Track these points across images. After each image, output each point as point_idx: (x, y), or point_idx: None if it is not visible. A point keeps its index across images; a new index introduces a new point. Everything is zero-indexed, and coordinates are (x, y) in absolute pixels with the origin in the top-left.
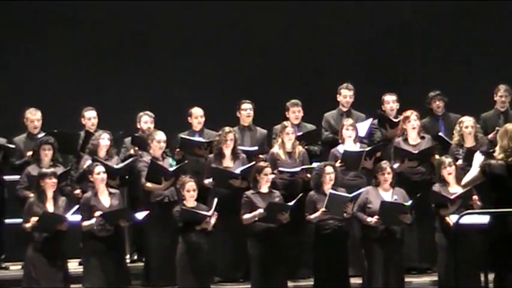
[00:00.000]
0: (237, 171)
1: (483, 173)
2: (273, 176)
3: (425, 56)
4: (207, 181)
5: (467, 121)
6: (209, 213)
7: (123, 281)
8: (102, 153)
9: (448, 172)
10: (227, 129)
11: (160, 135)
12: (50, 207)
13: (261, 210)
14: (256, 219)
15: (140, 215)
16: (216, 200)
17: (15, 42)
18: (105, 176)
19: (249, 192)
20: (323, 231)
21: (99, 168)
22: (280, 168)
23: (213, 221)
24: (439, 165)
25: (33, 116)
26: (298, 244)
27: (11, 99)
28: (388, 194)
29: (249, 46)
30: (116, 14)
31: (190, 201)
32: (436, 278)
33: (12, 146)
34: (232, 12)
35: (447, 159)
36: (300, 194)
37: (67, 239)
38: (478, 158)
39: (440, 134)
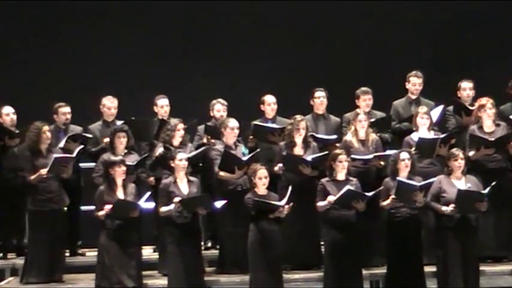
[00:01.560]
0: (308, 159)
1: None
2: (347, 163)
3: (501, 41)
4: (277, 167)
5: None
6: (282, 203)
7: (199, 268)
8: (176, 142)
9: None
10: (299, 117)
11: (233, 122)
12: (120, 194)
13: (331, 198)
14: (328, 207)
15: (219, 204)
16: (290, 189)
17: (91, 31)
18: (186, 163)
19: (324, 180)
20: (395, 219)
21: (182, 155)
22: (352, 156)
23: (286, 210)
24: None
25: (111, 104)
26: (372, 231)
27: (81, 87)
28: (461, 182)
29: (320, 35)
30: (188, 3)
31: (261, 188)
32: None
33: (90, 135)
34: (302, 2)
35: None
36: (380, 188)
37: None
38: None
39: (511, 117)
